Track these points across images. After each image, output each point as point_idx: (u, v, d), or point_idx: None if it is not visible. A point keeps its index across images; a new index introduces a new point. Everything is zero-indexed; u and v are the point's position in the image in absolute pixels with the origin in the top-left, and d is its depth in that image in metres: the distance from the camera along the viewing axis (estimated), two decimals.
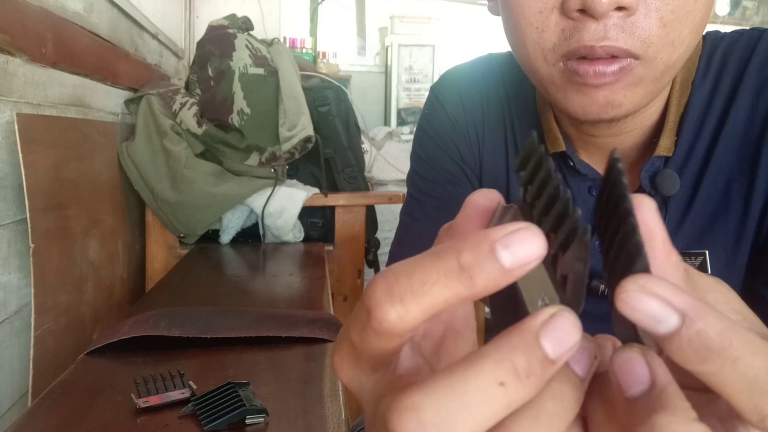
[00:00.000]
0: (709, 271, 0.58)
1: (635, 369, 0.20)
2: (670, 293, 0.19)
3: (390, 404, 0.19)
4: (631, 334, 0.21)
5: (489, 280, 0.19)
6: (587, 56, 0.47)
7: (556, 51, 0.48)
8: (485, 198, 0.24)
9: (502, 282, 0.20)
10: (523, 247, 0.19)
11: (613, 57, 0.47)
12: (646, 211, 0.22)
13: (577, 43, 0.46)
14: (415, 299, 0.20)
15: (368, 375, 0.23)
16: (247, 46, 1.84)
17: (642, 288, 0.19)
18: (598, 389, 0.21)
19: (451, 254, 0.20)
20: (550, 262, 0.21)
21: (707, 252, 0.58)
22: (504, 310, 0.23)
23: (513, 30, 0.52)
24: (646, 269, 0.20)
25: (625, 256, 0.20)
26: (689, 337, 0.19)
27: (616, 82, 0.47)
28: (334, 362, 0.24)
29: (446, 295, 0.20)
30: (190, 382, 0.73)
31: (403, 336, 0.21)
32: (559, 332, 0.19)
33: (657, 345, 0.21)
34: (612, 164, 0.22)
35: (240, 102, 1.78)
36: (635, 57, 0.46)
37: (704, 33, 0.59)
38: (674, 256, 0.23)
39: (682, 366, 0.20)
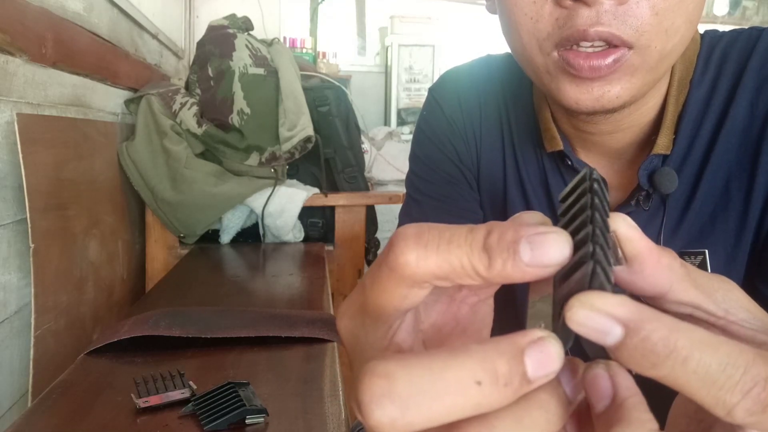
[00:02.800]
0: (709, 270, 0.58)
1: (600, 385, 0.21)
2: (611, 306, 0.20)
3: (365, 368, 0.20)
4: (599, 348, 0.21)
5: (503, 268, 0.20)
6: (581, 41, 0.47)
7: (551, 40, 0.49)
8: (534, 218, 0.24)
9: (516, 275, 0.20)
10: (544, 249, 0.20)
11: (607, 49, 0.46)
12: (626, 228, 0.23)
13: (570, 29, 0.46)
14: (437, 251, 0.21)
15: (367, 330, 0.23)
16: (247, 46, 1.84)
17: (584, 304, 0.20)
18: (588, 410, 0.22)
19: (482, 231, 0.21)
20: (559, 287, 0.21)
21: (707, 251, 0.58)
22: (503, 313, 0.23)
23: (508, 22, 0.52)
24: (601, 286, 0.20)
25: (580, 275, 0.20)
26: (635, 345, 0.20)
27: (612, 74, 0.47)
28: (339, 310, 0.25)
29: (464, 262, 0.21)
30: (190, 382, 0.74)
31: (411, 285, 0.21)
32: (542, 356, 0.20)
33: None
34: (593, 180, 0.22)
35: (240, 102, 1.78)
36: (628, 46, 0.46)
37: (702, 32, 0.59)
38: (665, 259, 0.23)
39: (638, 373, 0.20)
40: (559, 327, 0.20)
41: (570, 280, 0.21)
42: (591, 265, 0.20)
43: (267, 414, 0.67)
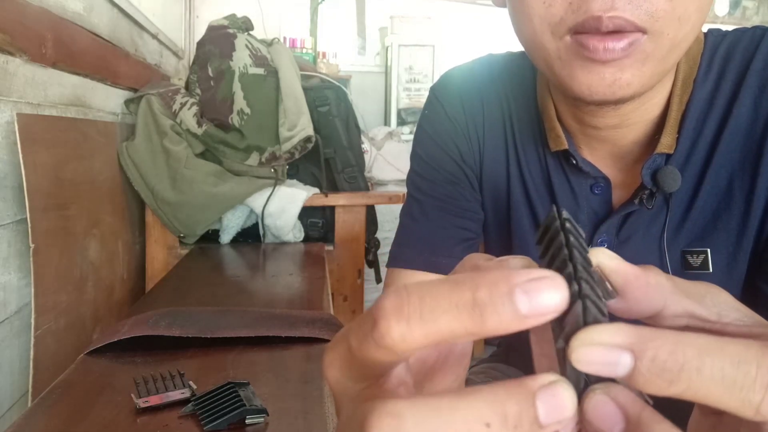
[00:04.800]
0: (711, 269, 0.58)
1: (606, 411, 0.20)
2: (610, 335, 0.19)
3: (372, 406, 0.19)
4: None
5: (500, 323, 0.19)
6: (595, 30, 0.46)
7: (564, 24, 0.48)
8: (521, 263, 0.23)
9: (513, 327, 0.19)
10: (542, 296, 0.19)
11: (621, 33, 0.46)
12: (608, 260, 0.23)
13: (585, 15, 0.46)
14: (421, 323, 0.19)
15: (356, 381, 0.23)
16: (247, 46, 1.84)
17: (584, 342, 0.19)
18: None
19: (467, 287, 0.19)
20: (557, 333, 0.21)
21: (709, 250, 0.58)
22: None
23: (519, 7, 0.51)
24: (595, 320, 0.20)
25: (573, 317, 0.20)
26: (647, 368, 0.19)
27: (625, 58, 0.47)
28: (324, 360, 0.23)
29: (453, 326, 0.19)
30: (190, 382, 0.73)
31: (401, 355, 0.21)
32: (556, 400, 0.19)
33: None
34: (562, 219, 0.22)
35: (240, 102, 1.78)
36: (642, 31, 0.46)
37: (705, 31, 0.59)
38: (653, 278, 0.23)
39: (660, 396, 0.20)
40: (568, 372, 0.20)
41: (565, 324, 0.20)
42: (581, 303, 0.20)
43: (267, 414, 0.67)
